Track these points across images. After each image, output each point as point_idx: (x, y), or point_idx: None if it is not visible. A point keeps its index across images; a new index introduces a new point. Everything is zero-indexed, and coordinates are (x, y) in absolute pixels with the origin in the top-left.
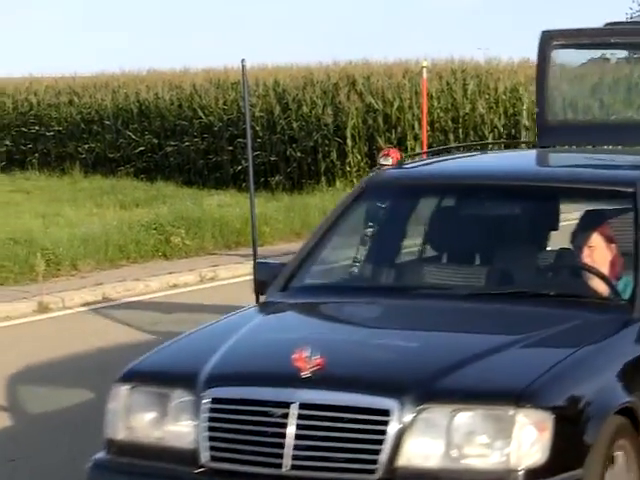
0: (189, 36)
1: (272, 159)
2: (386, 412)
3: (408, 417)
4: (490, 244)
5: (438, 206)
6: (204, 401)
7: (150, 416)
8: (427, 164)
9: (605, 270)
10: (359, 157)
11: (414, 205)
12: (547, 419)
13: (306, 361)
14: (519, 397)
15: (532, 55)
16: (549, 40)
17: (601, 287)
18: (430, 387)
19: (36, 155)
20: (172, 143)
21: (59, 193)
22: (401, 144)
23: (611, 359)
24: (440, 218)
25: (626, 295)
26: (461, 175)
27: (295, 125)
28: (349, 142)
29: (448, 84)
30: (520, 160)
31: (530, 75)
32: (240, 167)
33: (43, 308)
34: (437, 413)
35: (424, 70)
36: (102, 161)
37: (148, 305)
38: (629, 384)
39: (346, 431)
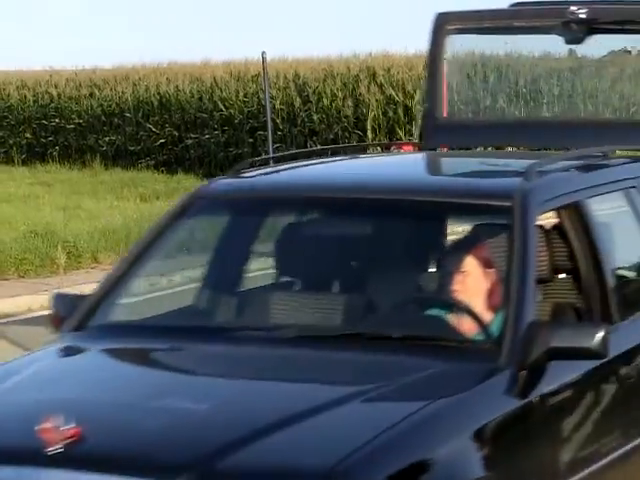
0: (209, 28)
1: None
2: None
3: None
4: (338, 271)
5: (284, 224)
6: None
7: None
8: (275, 172)
9: (479, 302)
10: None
11: (256, 223)
12: None
13: (55, 432)
14: (326, 478)
15: (552, 49)
16: (444, 24)
17: (466, 325)
18: (210, 468)
19: (57, 148)
20: (192, 136)
21: (79, 186)
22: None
23: (463, 422)
24: (285, 239)
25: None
26: (305, 186)
27: (315, 117)
28: (369, 134)
29: (469, 76)
30: (386, 167)
31: (549, 67)
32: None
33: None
34: None
35: (444, 62)
36: (122, 154)
37: (172, 299)
38: (487, 454)
39: None
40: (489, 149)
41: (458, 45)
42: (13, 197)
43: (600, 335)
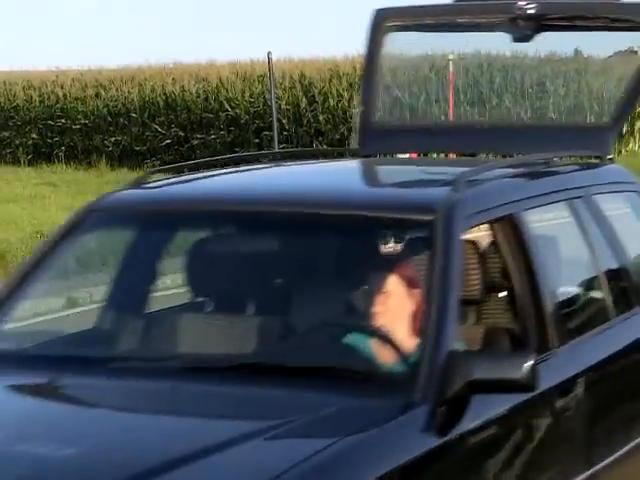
0: (215, 29)
1: None
2: None
3: None
4: (248, 292)
5: (191, 239)
6: None
7: None
8: (180, 182)
9: (402, 326)
10: None
11: (160, 238)
12: None
13: None
14: None
15: (559, 49)
16: (382, 21)
17: (386, 354)
18: None
19: (63, 148)
20: (198, 136)
21: (85, 186)
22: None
23: (368, 465)
24: (193, 256)
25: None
26: (212, 198)
27: (321, 118)
28: None
29: (474, 77)
30: (305, 177)
31: (556, 69)
32: None
33: (72, 303)
34: None
35: (450, 63)
36: (128, 154)
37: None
38: None
39: None
40: (436, 155)
41: (397, 43)
42: (19, 197)
43: (528, 365)
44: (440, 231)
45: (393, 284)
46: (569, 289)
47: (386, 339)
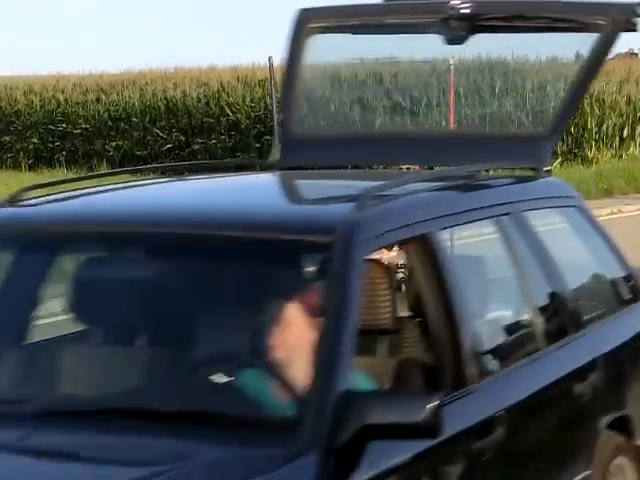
0: (216, 33)
1: None
2: None
3: None
4: (127, 323)
5: (71, 262)
6: None
7: None
8: (58, 200)
9: (301, 361)
10: None
11: (37, 261)
12: None
13: None
14: None
15: (560, 53)
16: (305, 22)
17: (280, 393)
18: None
19: (63, 153)
20: (199, 140)
21: None
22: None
23: None
24: (76, 281)
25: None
26: (89, 218)
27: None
28: None
29: (475, 82)
30: (201, 193)
31: (558, 73)
32: None
33: None
34: None
35: (451, 68)
36: (129, 158)
37: None
38: None
39: None
40: (368, 168)
41: (321, 46)
42: None
43: (430, 407)
44: (338, 254)
45: (292, 313)
46: (493, 316)
47: (280, 377)
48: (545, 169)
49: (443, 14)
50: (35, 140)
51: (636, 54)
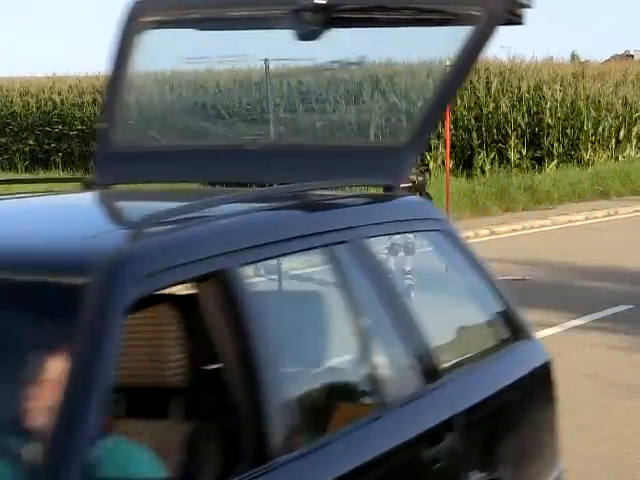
0: (213, 36)
1: None
2: None
3: None
4: None
5: None
6: None
7: None
8: None
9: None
10: None
11: None
12: None
13: None
14: None
15: (556, 53)
16: (137, 16)
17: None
18: None
19: (60, 154)
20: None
21: None
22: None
23: None
24: None
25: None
26: None
27: (319, 124)
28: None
29: (471, 82)
30: None
31: (554, 74)
32: None
33: None
34: None
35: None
36: None
37: None
38: None
39: None
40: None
41: (156, 44)
42: None
43: None
44: (91, 300)
45: (55, 370)
46: (316, 371)
47: (36, 448)
48: (403, 185)
49: (294, 5)
50: (31, 142)
51: (632, 56)
